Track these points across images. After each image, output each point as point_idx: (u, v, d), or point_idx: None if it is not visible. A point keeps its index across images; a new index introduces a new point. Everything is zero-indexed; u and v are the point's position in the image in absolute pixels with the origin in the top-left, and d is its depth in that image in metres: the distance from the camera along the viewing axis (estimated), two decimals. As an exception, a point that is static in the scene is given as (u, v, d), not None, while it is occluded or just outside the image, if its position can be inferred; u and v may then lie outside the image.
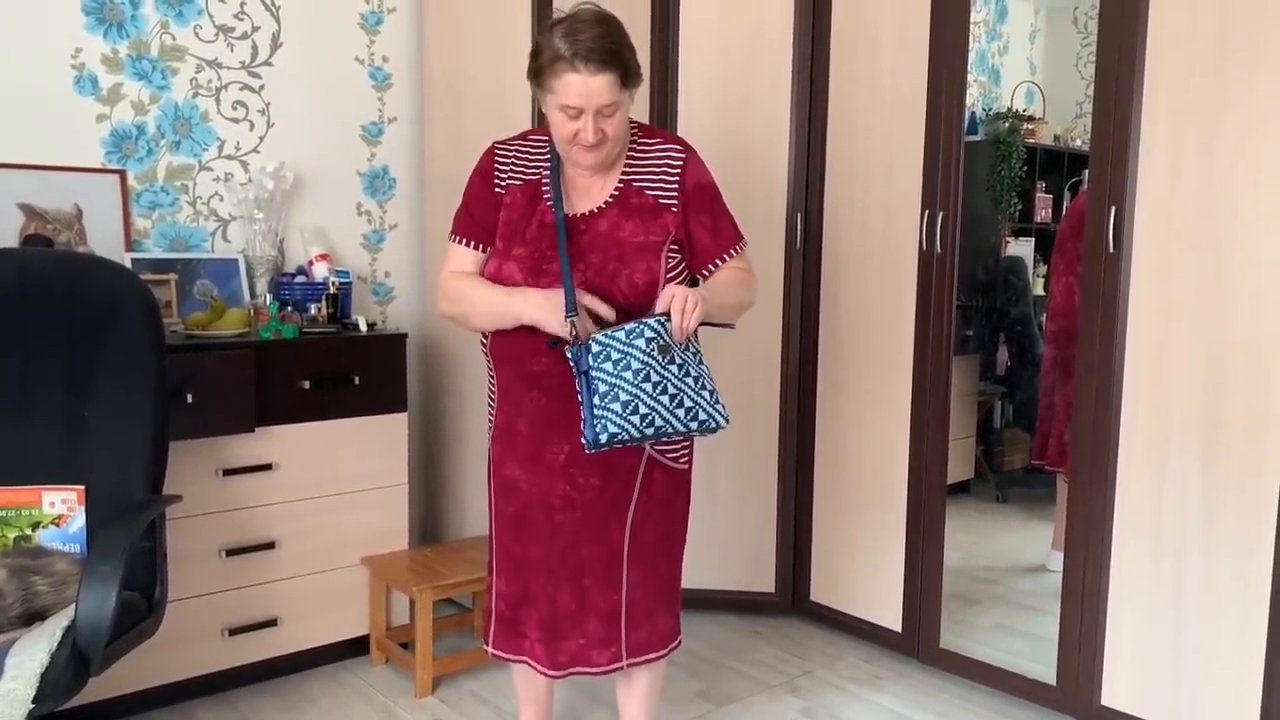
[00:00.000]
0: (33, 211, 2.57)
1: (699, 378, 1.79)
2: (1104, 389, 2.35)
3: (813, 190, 2.99)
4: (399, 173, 3.29)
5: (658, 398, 1.75)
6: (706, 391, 1.80)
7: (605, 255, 1.85)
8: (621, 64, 1.77)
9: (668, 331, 1.75)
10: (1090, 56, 2.35)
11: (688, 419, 1.78)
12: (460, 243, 1.95)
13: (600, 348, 1.75)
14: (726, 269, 1.96)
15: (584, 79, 1.75)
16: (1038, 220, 3.77)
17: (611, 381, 1.74)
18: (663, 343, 1.75)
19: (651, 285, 1.85)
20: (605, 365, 1.74)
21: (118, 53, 2.72)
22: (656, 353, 1.75)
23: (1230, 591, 2.18)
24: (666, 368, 1.75)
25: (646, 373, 1.74)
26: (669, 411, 1.76)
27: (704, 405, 1.79)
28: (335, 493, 2.73)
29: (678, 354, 1.77)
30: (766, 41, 2.98)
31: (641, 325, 1.75)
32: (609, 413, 1.73)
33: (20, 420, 2.02)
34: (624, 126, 1.86)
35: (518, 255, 1.88)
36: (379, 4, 3.19)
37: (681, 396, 1.77)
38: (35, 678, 1.59)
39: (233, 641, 2.58)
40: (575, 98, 1.76)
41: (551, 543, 1.95)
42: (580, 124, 1.78)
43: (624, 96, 1.81)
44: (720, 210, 1.97)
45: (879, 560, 2.89)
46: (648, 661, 2.04)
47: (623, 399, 1.73)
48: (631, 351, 1.74)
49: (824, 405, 3.03)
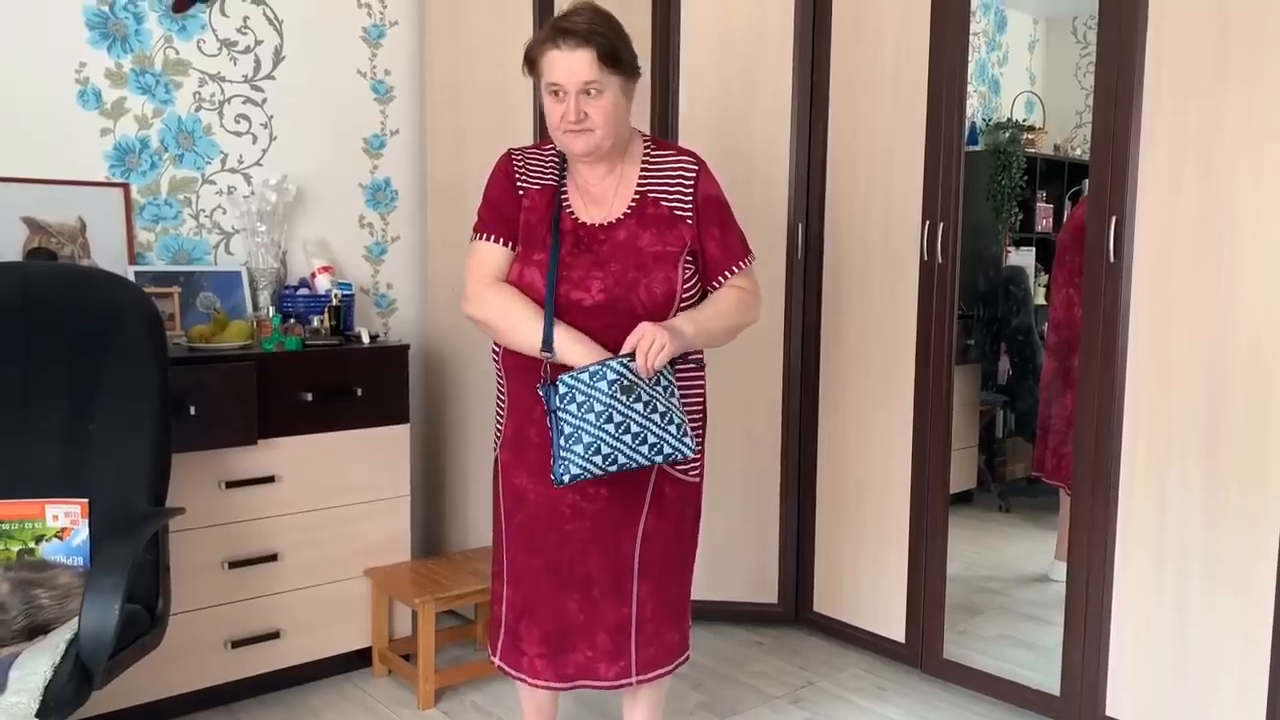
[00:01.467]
0: (37, 225, 2.58)
1: (666, 412, 1.80)
2: (1105, 399, 2.35)
3: (813, 201, 3.00)
4: (401, 185, 3.30)
5: (620, 437, 1.77)
6: (673, 426, 1.81)
7: (625, 264, 1.87)
8: (604, 43, 1.81)
9: (632, 372, 1.77)
10: (1090, 66, 2.36)
11: (652, 453, 1.80)
12: (488, 239, 1.94)
13: (566, 389, 1.78)
14: (727, 289, 1.97)
15: (565, 54, 1.80)
16: (1038, 229, 3.77)
17: (575, 424, 1.77)
18: (626, 383, 1.77)
19: (670, 295, 1.87)
20: (570, 407, 1.77)
21: (121, 67, 2.73)
22: (619, 393, 1.77)
23: (1233, 601, 2.17)
24: (630, 406, 1.77)
25: (609, 414, 1.76)
26: (631, 449, 1.79)
27: (668, 440, 1.81)
28: (337, 504, 2.73)
29: (644, 391, 1.78)
30: (767, 52, 2.99)
31: (604, 368, 1.77)
32: (572, 454, 1.77)
33: (24, 433, 2.03)
34: (614, 116, 1.86)
35: (539, 261, 1.89)
36: (381, 17, 3.20)
37: (645, 434, 1.79)
38: (39, 691, 1.59)
39: (235, 654, 2.58)
40: (557, 74, 1.82)
41: (559, 552, 1.95)
42: (564, 105, 1.83)
43: (609, 80, 1.83)
44: (729, 223, 1.98)
45: (882, 570, 2.89)
46: (655, 678, 2.03)
47: (585, 441, 1.77)
48: (594, 394, 1.77)
49: (826, 414, 3.03)
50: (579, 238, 1.90)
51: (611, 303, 1.85)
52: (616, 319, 1.84)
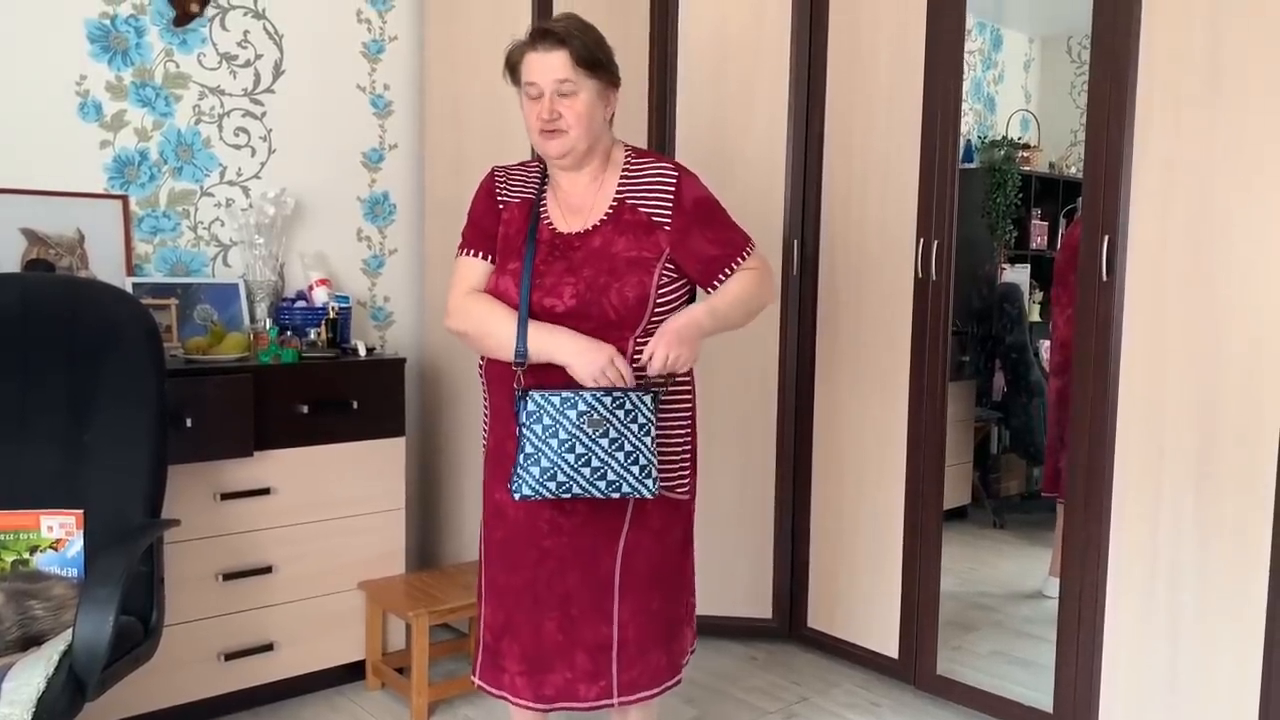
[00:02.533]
0: (35, 236, 2.59)
1: (632, 452, 1.78)
2: (1098, 415, 2.36)
3: (809, 217, 3.01)
4: (399, 199, 3.31)
5: (579, 469, 1.77)
6: (635, 466, 1.79)
7: (597, 270, 1.87)
8: (580, 45, 1.86)
9: (605, 406, 1.77)
10: (1084, 85, 2.37)
11: (609, 489, 1.79)
12: (470, 255, 1.97)
13: (535, 407, 1.78)
14: (736, 276, 1.96)
15: (540, 55, 1.87)
16: (1033, 247, 3.79)
17: (537, 444, 1.78)
18: (596, 416, 1.77)
19: (642, 299, 1.87)
20: (535, 427, 1.78)
21: (122, 80, 2.75)
22: (587, 425, 1.77)
23: (1226, 617, 2.18)
24: (596, 440, 1.77)
25: (572, 444, 1.77)
26: (588, 482, 1.79)
27: (628, 480, 1.79)
28: (332, 517, 2.73)
29: (614, 428, 1.77)
30: (763, 70, 3.02)
31: (577, 397, 1.77)
32: (528, 474, 1.78)
33: (20, 444, 2.03)
34: (588, 119, 1.88)
35: (513, 269, 1.90)
36: (381, 32, 3.22)
37: (605, 470, 1.78)
38: (31, 703, 1.59)
39: (229, 666, 2.58)
40: (533, 73, 1.87)
41: (537, 569, 1.93)
42: (540, 105, 1.87)
43: (585, 82, 1.87)
44: (723, 219, 1.98)
45: (876, 586, 2.89)
46: (639, 701, 2.00)
47: (543, 465, 1.77)
48: (561, 421, 1.77)
49: (821, 430, 3.04)
50: (554, 246, 1.91)
51: (583, 308, 1.85)
52: (588, 324, 1.85)
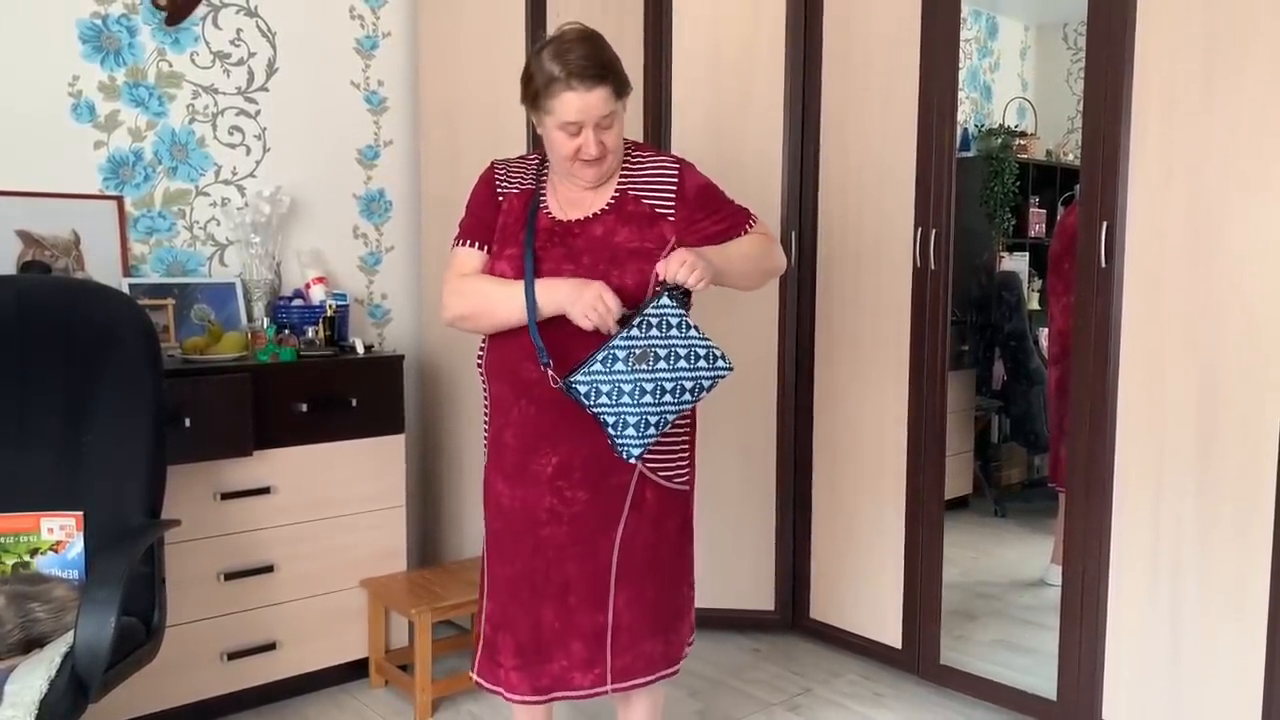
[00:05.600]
0: (30, 238, 2.58)
1: (687, 352, 1.80)
2: (1098, 403, 2.36)
3: (806, 208, 3.01)
4: (395, 195, 3.31)
5: (662, 401, 1.79)
6: (703, 362, 1.81)
7: (596, 257, 1.87)
8: (614, 76, 1.83)
9: (636, 338, 1.76)
10: (1081, 73, 2.37)
11: (696, 396, 1.83)
12: (466, 245, 1.96)
13: (587, 386, 1.78)
14: (742, 238, 1.97)
15: (580, 95, 1.79)
16: (1031, 235, 3.79)
17: (615, 411, 1.78)
18: (638, 352, 1.77)
19: (641, 287, 1.87)
20: (602, 400, 1.78)
21: (115, 80, 2.74)
22: (637, 364, 1.77)
23: (1228, 603, 2.18)
24: (655, 370, 1.78)
25: (640, 388, 1.77)
26: (677, 405, 1.82)
27: (704, 375, 1.83)
28: (333, 515, 2.73)
29: (657, 347, 1.77)
30: (758, 61, 3.01)
31: (609, 352, 1.76)
32: (627, 439, 1.79)
33: (18, 446, 2.03)
34: (621, 137, 1.90)
35: (510, 255, 1.90)
36: (374, 28, 3.21)
37: (678, 385, 1.80)
38: (34, 705, 1.59)
39: (232, 666, 2.58)
40: (574, 114, 1.80)
41: (535, 558, 1.93)
42: (581, 139, 1.83)
43: (618, 107, 1.85)
44: (725, 201, 1.99)
45: (878, 576, 2.89)
46: (633, 687, 2.00)
47: (633, 422, 1.78)
48: (615, 377, 1.77)
49: (821, 421, 3.04)
50: (553, 233, 1.90)
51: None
52: None
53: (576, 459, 1.89)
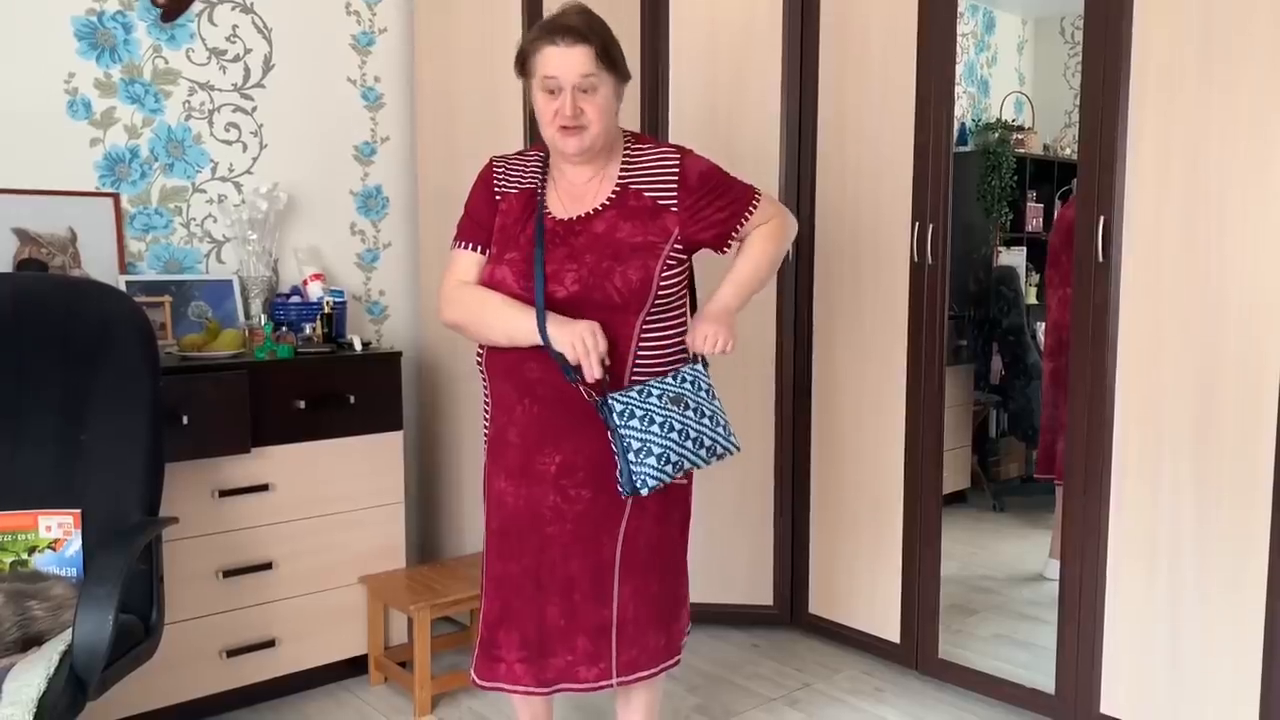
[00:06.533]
0: (27, 236, 2.58)
1: (713, 415, 1.91)
2: (1096, 397, 2.36)
3: (804, 203, 3.00)
4: (392, 192, 3.30)
5: (684, 444, 1.87)
6: (720, 428, 1.91)
7: (600, 255, 1.87)
8: (599, 41, 1.83)
9: (676, 384, 1.87)
10: (1078, 66, 2.36)
11: (709, 456, 1.92)
12: (464, 247, 1.96)
13: (623, 406, 1.84)
14: (748, 241, 1.98)
15: (561, 50, 1.82)
16: (1029, 229, 3.79)
17: (642, 438, 1.83)
18: (673, 394, 1.86)
19: (646, 282, 1.87)
20: (632, 423, 1.83)
21: (110, 77, 2.73)
22: (670, 404, 1.86)
23: (1226, 597, 2.18)
24: (685, 415, 1.86)
25: (669, 423, 1.84)
26: (694, 454, 1.89)
27: (720, 440, 1.92)
28: (332, 512, 2.73)
29: (690, 399, 1.88)
30: (755, 55, 3.00)
31: (648, 387, 1.86)
32: (646, 467, 1.84)
33: (16, 444, 2.02)
34: (607, 115, 1.88)
35: (510, 259, 1.89)
36: (370, 24, 3.21)
37: (702, 438, 1.89)
38: (32, 703, 1.58)
39: (231, 663, 2.58)
40: (553, 67, 1.82)
41: (540, 555, 1.94)
42: (559, 101, 1.83)
43: (604, 77, 1.85)
44: (729, 184, 1.98)
45: (877, 572, 2.90)
46: (638, 680, 2.02)
47: (656, 453, 1.84)
48: (649, 408, 1.84)
49: (819, 416, 3.04)
50: (555, 233, 1.90)
51: (585, 293, 1.85)
52: (591, 310, 1.85)
53: (580, 458, 1.90)
